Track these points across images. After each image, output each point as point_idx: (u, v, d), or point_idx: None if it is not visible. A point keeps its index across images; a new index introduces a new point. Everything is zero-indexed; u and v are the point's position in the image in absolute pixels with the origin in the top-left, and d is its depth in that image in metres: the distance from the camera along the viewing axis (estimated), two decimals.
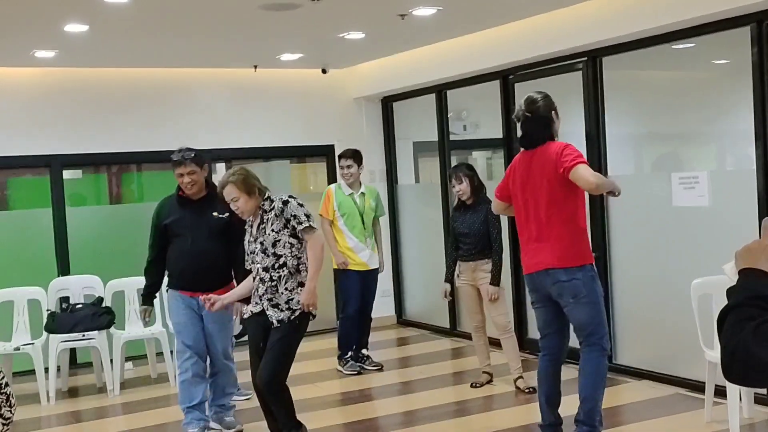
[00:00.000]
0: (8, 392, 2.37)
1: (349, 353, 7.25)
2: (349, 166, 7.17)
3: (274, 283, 4.82)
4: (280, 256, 4.81)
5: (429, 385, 6.73)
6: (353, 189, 7.21)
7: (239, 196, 4.86)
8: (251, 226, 4.97)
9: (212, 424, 5.71)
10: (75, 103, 8.06)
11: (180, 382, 5.63)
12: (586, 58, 6.66)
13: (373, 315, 7.42)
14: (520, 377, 6.33)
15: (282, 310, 4.81)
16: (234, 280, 5.56)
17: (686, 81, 6.82)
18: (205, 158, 5.66)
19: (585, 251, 4.77)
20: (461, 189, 6.37)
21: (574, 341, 4.97)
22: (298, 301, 4.82)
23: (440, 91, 8.46)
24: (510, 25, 7.08)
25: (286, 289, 4.82)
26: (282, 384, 4.84)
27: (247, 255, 5.00)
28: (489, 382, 6.52)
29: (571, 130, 6.58)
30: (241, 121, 8.73)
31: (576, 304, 4.72)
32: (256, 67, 8.50)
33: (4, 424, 2.35)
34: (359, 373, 7.12)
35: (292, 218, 4.81)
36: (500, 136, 7.70)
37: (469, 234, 6.35)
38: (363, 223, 7.16)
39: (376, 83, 8.99)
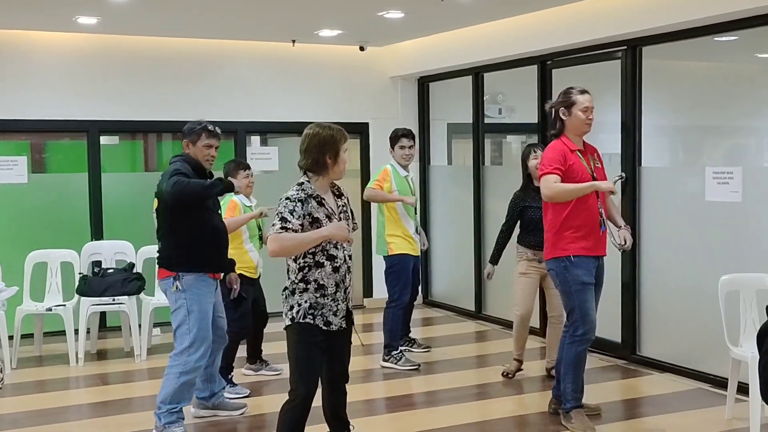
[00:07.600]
0: None
1: (400, 345, 6.83)
2: (411, 147, 6.69)
3: (351, 276, 4.15)
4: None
5: (451, 366, 6.77)
6: (408, 171, 6.77)
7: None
8: (321, 205, 3.99)
9: (219, 413, 5.45)
10: (115, 71, 8.15)
11: (183, 381, 4.96)
12: (625, 47, 6.60)
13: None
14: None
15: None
16: None
17: (727, 74, 6.73)
18: None
19: (562, 245, 5.01)
20: None
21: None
22: None
23: (477, 73, 8.43)
24: (550, 11, 7.03)
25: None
26: None
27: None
28: (519, 370, 6.36)
29: (607, 120, 6.55)
30: (277, 94, 8.77)
31: (557, 290, 5.22)
32: (294, 41, 8.52)
33: None
34: (419, 368, 6.64)
35: (352, 214, 4.26)
36: (535, 121, 7.67)
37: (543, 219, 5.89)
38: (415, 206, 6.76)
39: (414, 63, 8.97)
